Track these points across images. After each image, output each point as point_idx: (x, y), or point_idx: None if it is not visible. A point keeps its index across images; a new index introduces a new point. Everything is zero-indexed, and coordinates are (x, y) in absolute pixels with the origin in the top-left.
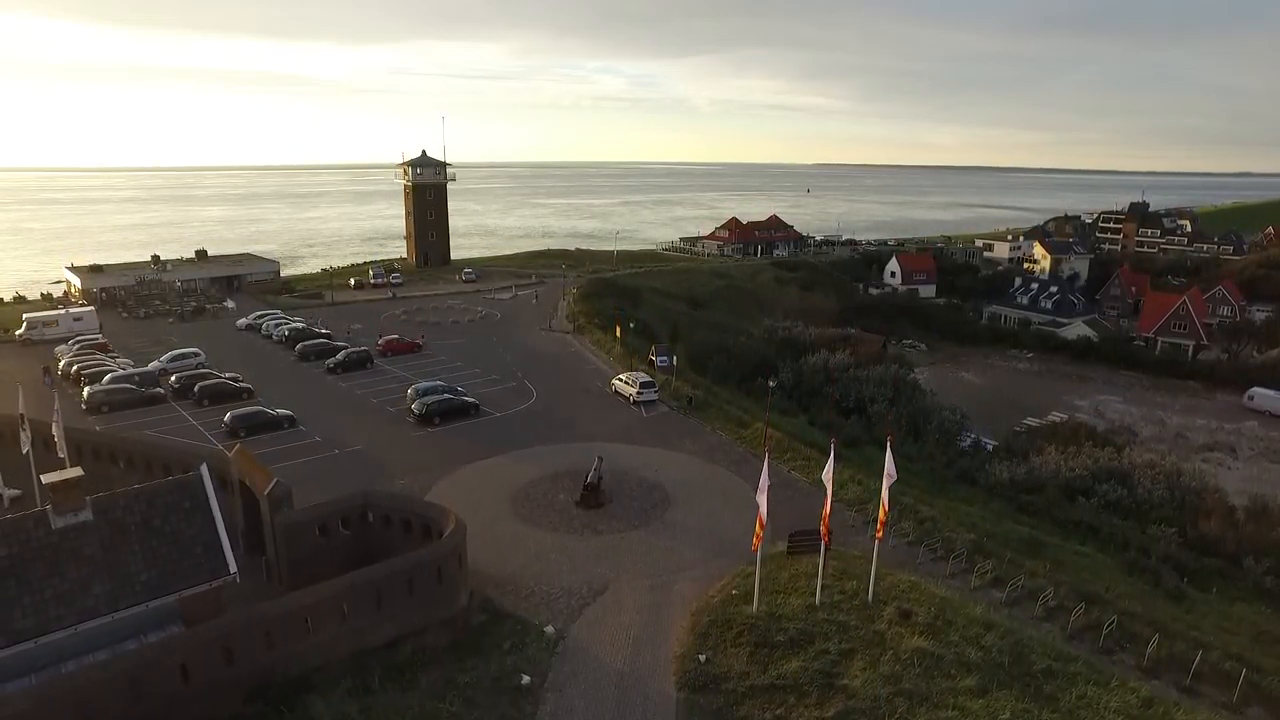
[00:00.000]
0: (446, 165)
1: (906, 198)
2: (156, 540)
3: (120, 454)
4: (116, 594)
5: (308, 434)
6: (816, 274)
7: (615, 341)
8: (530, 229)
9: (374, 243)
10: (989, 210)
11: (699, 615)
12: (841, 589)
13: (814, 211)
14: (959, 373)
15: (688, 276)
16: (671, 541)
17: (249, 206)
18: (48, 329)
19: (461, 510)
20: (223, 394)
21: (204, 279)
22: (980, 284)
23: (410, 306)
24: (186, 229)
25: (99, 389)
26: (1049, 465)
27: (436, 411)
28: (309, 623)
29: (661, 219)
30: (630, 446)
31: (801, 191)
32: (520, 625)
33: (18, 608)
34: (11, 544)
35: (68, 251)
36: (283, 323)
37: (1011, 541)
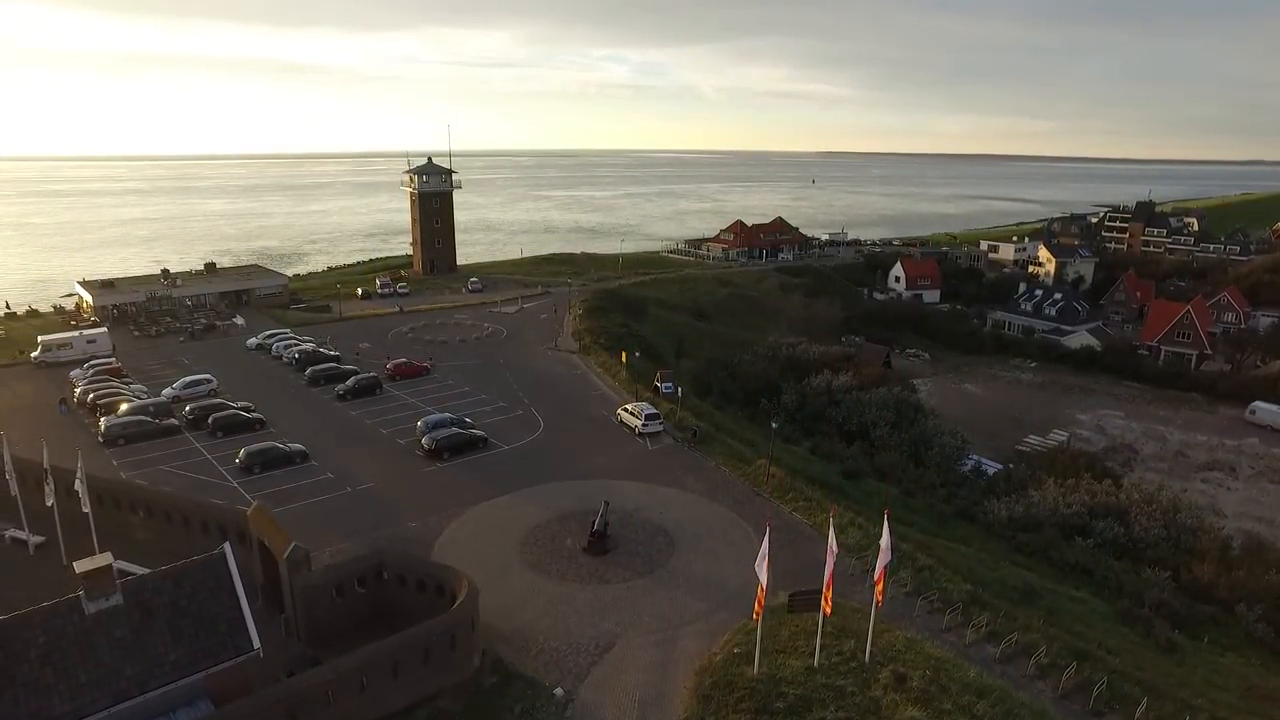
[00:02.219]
0: (452, 173)
1: (912, 189)
2: (183, 620)
3: (140, 504)
4: (146, 675)
5: (320, 470)
6: (821, 280)
7: (621, 366)
8: (533, 224)
9: (377, 238)
10: (995, 203)
11: (702, 675)
12: (839, 649)
13: (819, 204)
14: (962, 384)
15: (692, 285)
16: (675, 592)
17: (251, 199)
18: (62, 351)
19: (471, 557)
20: (236, 425)
21: (213, 294)
22: (984, 290)
23: (417, 323)
24: (188, 224)
25: (115, 422)
26: (1047, 501)
27: (446, 446)
28: (330, 696)
29: (665, 212)
30: (635, 484)
31: (806, 182)
32: (530, 688)
33: (55, 694)
34: (48, 631)
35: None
36: (293, 344)
37: (1007, 589)
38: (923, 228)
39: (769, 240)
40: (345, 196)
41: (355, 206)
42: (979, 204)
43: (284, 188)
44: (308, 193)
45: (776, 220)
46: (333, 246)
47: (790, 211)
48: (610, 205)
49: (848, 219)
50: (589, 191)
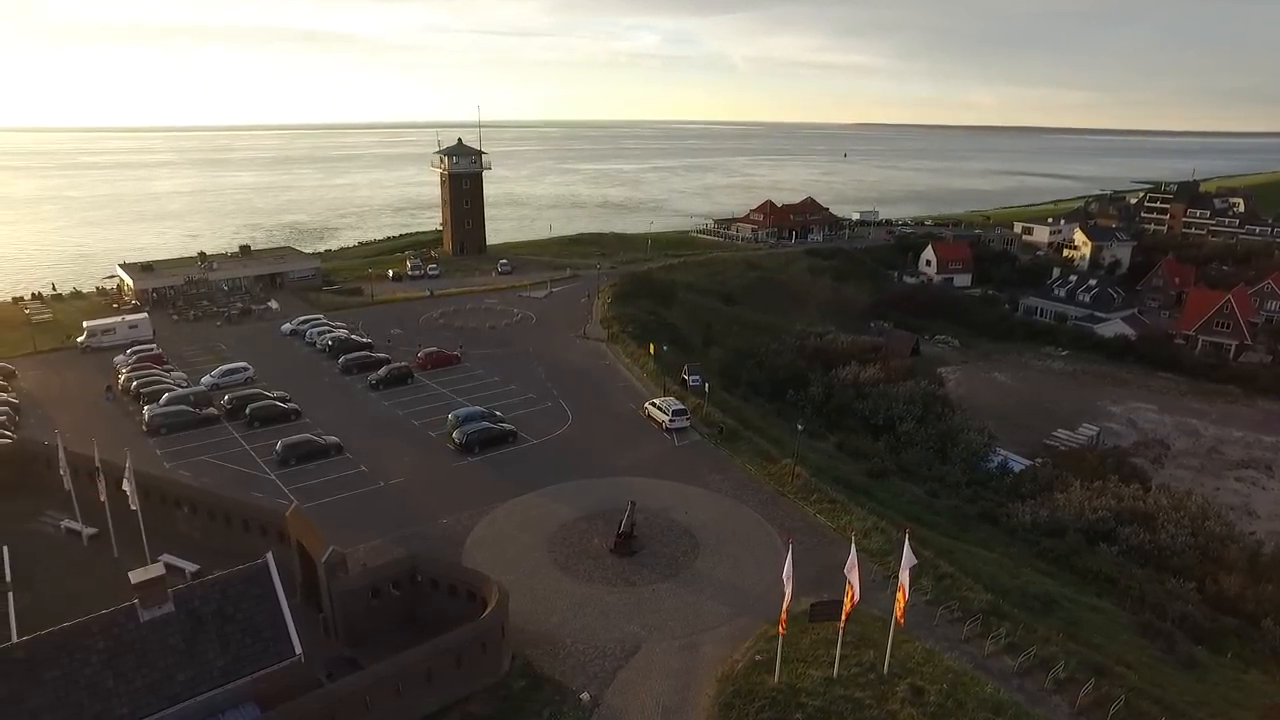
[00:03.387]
0: (482, 154)
1: (945, 163)
2: (229, 627)
3: (185, 500)
4: (197, 680)
5: (353, 463)
6: (850, 262)
7: (648, 357)
8: (560, 198)
9: (405, 213)
10: (1030, 179)
11: (723, 683)
12: (859, 659)
13: (849, 180)
14: (991, 372)
15: (721, 268)
16: (699, 596)
17: (281, 172)
18: (105, 337)
19: (501, 557)
20: (272, 416)
21: (248, 277)
22: (1017, 275)
23: (447, 308)
24: (219, 197)
25: (158, 412)
26: (1072, 505)
27: (476, 441)
28: (367, 701)
29: (693, 187)
30: (661, 482)
31: (837, 155)
32: (558, 692)
33: (114, 697)
34: (107, 637)
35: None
36: (326, 330)
37: (1028, 599)
38: (955, 205)
39: (798, 221)
40: (374, 169)
41: (384, 180)
42: (1013, 180)
43: (313, 159)
44: (336, 165)
45: (806, 200)
46: (362, 221)
47: (820, 187)
48: (638, 179)
49: (879, 195)
50: (616, 165)
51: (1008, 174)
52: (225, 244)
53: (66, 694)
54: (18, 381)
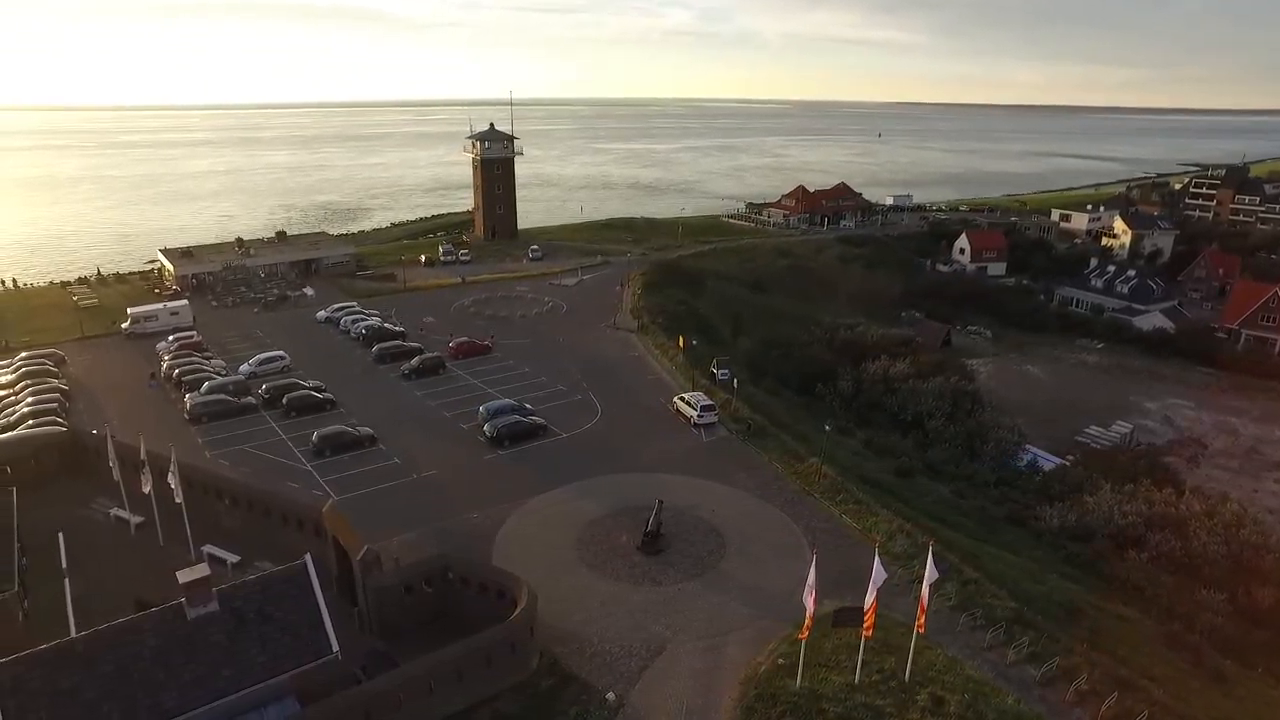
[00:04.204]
0: (514, 139)
1: (982, 144)
2: (270, 626)
3: (226, 492)
4: (240, 675)
5: (387, 454)
6: (882, 250)
7: (678, 350)
8: (590, 179)
9: (436, 194)
10: (1070, 161)
11: (746, 686)
12: (881, 666)
13: (883, 161)
14: (1024, 365)
15: (751, 256)
16: (724, 596)
17: (313, 151)
18: (148, 323)
19: (530, 554)
20: (308, 406)
21: (284, 264)
22: (1053, 264)
23: (479, 295)
24: (253, 176)
25: (199, 401)
26: (1101, 509)
27: (506, 435)
28: (401, 698)
29: (724, 168)
30: (689, 479)
31: (871, 135)
32: (584, 691)
33: (164, 691)
34: (157, 634)
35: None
36: (360, 318)
37: (1052, 606)
38: (991, 188)
39: (831, 206)
40: (405, 148)
41: (415, 159)
42: (1052, 162)
43: (345, 138)
44: (368, 144)
45: (839, 185)
46: (394, 201)
47: (853, 169)
48: (669, 160)
49: (912, 177)
50: (647, 144)
51: (1046, 155)
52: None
53: (121, 686)
54: (67, 368)
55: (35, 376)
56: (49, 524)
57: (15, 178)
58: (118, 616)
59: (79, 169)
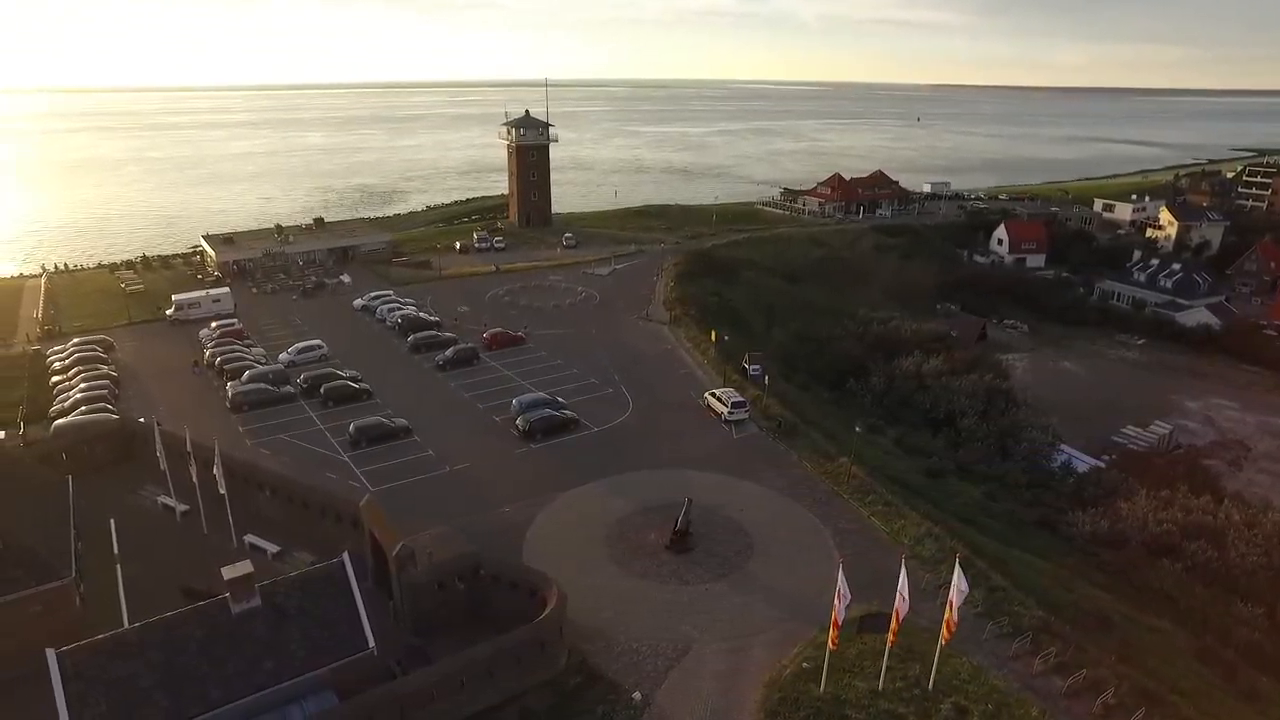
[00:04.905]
0: (549, 126)
1: (1023, 129)
2: (309, 621)
3: (268, 484)
4: (281, 668)
5: (421, 446)
6: (918, 240)
7: (710, 344)
8: (624, 163)
9: (470, 176)
10: (1116, 146)
11: (771, 689)
12: (904, 673)
13: (921, 147)
14: (1060, 361)
15: (786, 247)
16: (750, 598)
17: (349, 132)
18: (192, 310)
19: (560, 550)
20: (345, 396)
21: (322, 250)
22: (1094, 256)
23: (513, 284)
24: (290, 158)
25: (240, 389)
26: (1136, 515)
27: (539, 429)
28: (434, 694)
29: (759, 152)
30: (718, 476)
31: (909, 120)
32: (611, 691)
33: (209, 682)
34: (202, 627)
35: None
36: (396, 307)
37: (1081, 615)
38: (1032, 175)
39: (867, 195)
40: (440, 130)
41: (449, 141)
42: (1098, 148)
43: (380, 119)
44: (403, 126)
45: (876, 173)
46: (429, 185)
47: (891, 154)
48: (703, 144)
49: (951, 163)
50: (682, 128)
51: (1092, 140)
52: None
53: (170, 676)
54: (116, 354)
55: (87, 363)
56: (101, 510)
57: (62, 160)
58: (165, 602)
59: (123, 151)
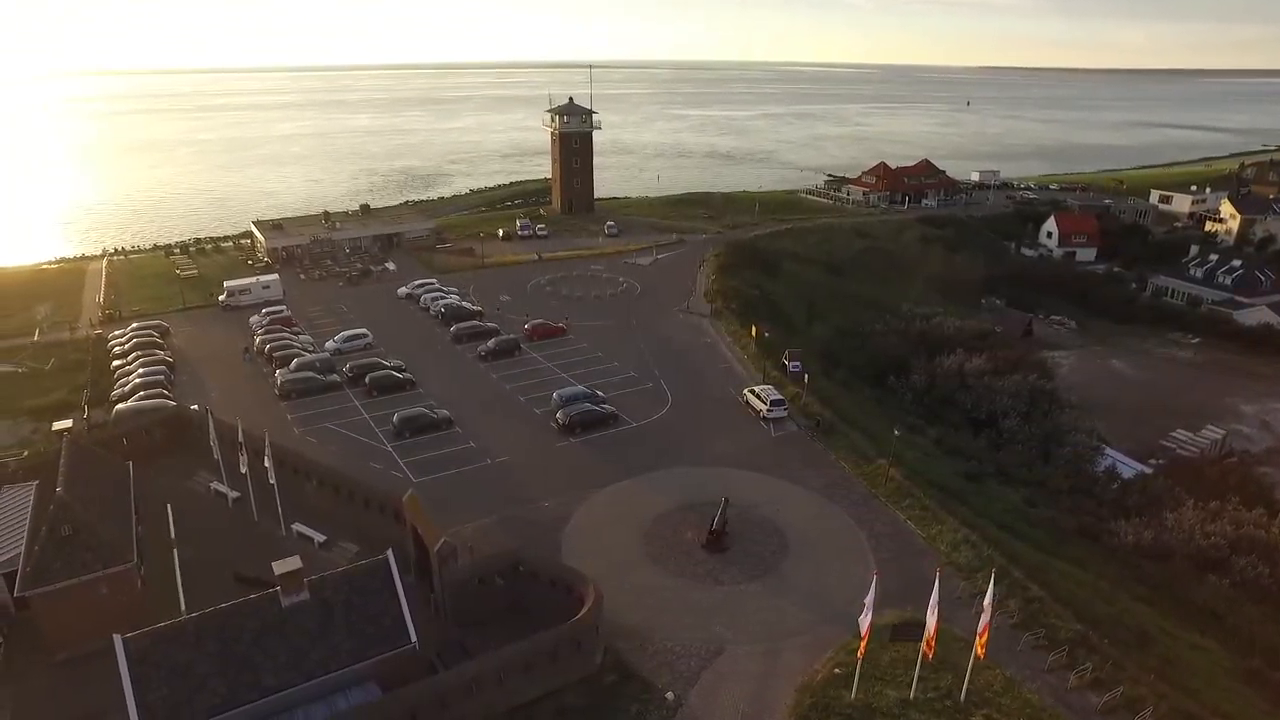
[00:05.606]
0: (592, 113)
1: (1077, 113)
2: (355, 615)
3: (315, 475)
4: (328, 659)
5: (463, 437)
6: (965, 232)
7: (750, 339)
8: (667, 147)
9: (513, 159)
10: (1178, 132)
11: (802, 694)
12: (937, 684)
13: (969, 132)
14: (1109, 360)
15: (829, 236)
16: (784, 600)
17: (394, 114)
18: (243, 296)
19: (598, 546)
20: (389, 385)
21: (368, 237)
22: (1149, 250)
23: (555, 274)
24: (336, 141)
25: (289, 378)
26: (1183, 527)
27: (579, 422)
28: (473, 688)
29: (802, 137)
30: (755, 475)
31: (958, 104)
32: (645, 690)
33: (262, 670)
34: (256, 619)
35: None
36: (439, 296)
37: (1121, 629)
38: (1086, 163)
39: (913, 184)
40: (484, 112)
41: (493, 123)
42: (1157, 133)
43: (426, 101)
44: (448, 108)
45: (922, 162)
46: (473, 167)
47: (938, 140)
48: (746, 128)
49: (1001, 150)
50: (724, 111)
51: (1151, 126)
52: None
53: (225, 664)
54: (171, 339)
55: (145, 348)
56: (158, 495)
57: (118, 142)
58: (218, 587)
59: (175, 133)
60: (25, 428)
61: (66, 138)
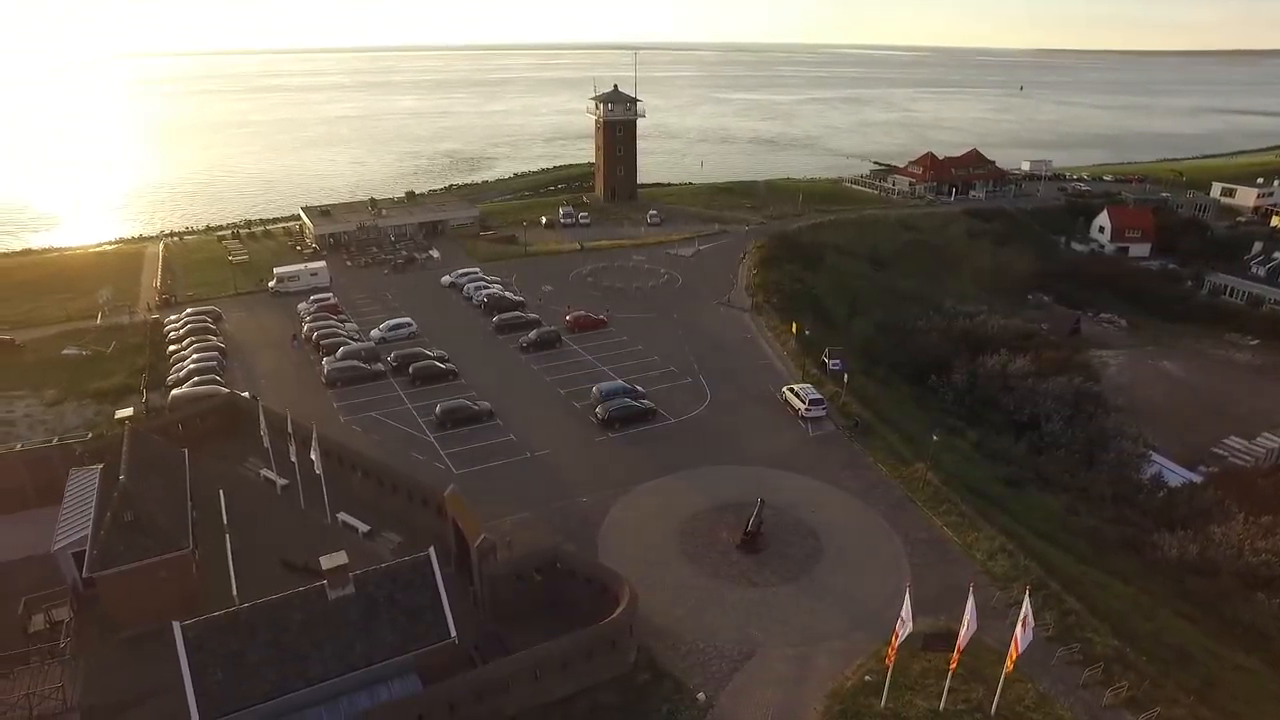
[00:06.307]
0: (637, 101)
1: (1139, 98)
2: (397, 610)
3: (360, 466)
4: (371, 651)
5: (503, 430)
6: (1013, 225)
7: (790, 335)
8: (710, 132)
9: (556, 143)
10: (1247, 118)
11: (833, 700)
12: (967, 695)
13: (1023, 118)
14: (1160, 361)
15: (873, 229)
16: (818, 604)
17: (440, 96)
18: (291, 283)
19: (634, 543)
20: (432, 376)
21: (413, 224)
22: (1208, 247)
23: (597, 264)
24: (382, 122)
25: (334, 366)
26: (1230, 542)
27: (618, 418)
28: (509, 684)
29: (849, 123)
30: (792, 475)
31: (1011, 89)
32: (677, 689)
33: (308, 660)
34: (304, 610)
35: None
36: (482, 285)
37: (1160, 647)
38: (1146, 151)
39: (960, 175)
40: (528, 94)
41: (537, 106)
42: (1224, 119)
43: (470, 83)
44: (492, 90)
45: (971, 152)
46: (515, 151)
47: (989, 126)
48: (791, 112)
49: (1055, 138)
50: (770, 95)
51: (1218, 112)
52: (388, 173)
53: (275, 653)
54: (223, 324)
55: (199, 333)
56: (211, 480)
57: (174, 124)
58: (268, 573)
59: (226, 114)
60: (90, 410)
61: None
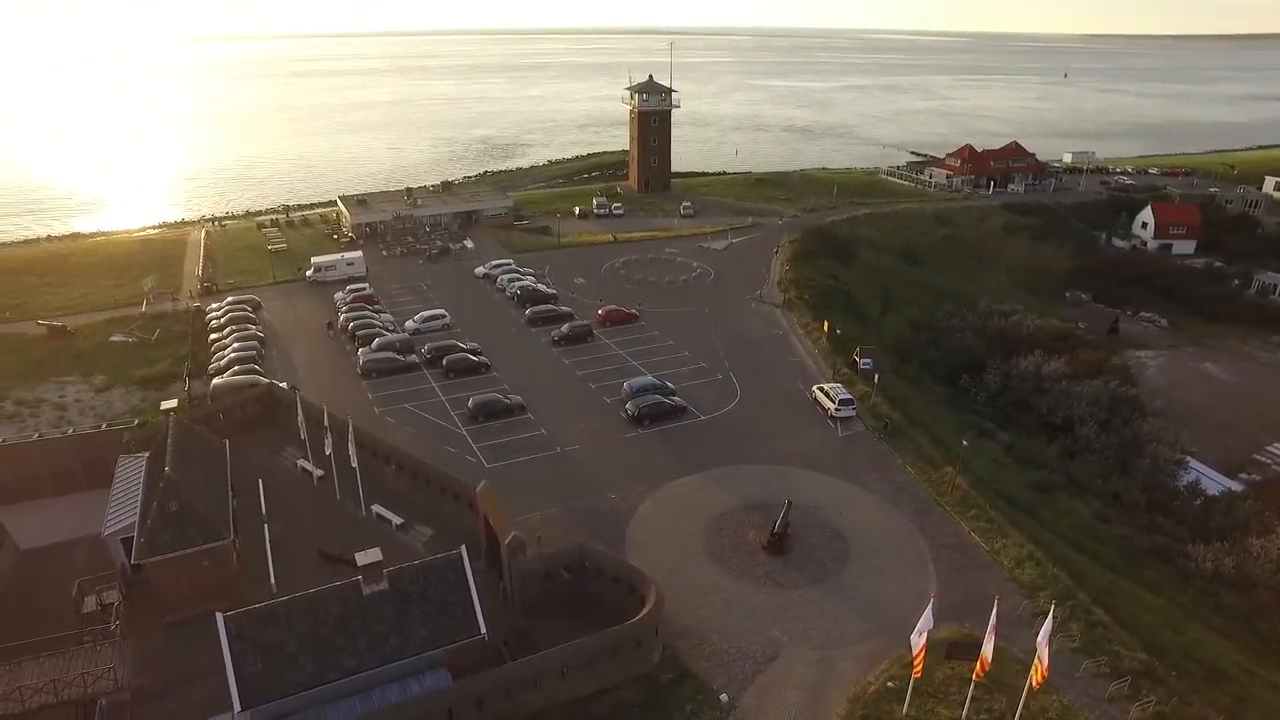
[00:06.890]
0: (672, 91)
1: (1188, 86)
2: (429, 606)
3: (394, 459)
4: (404, 645)
5: (535, 424)
6: (1052, 220)
7: (822, 333)
8: (744, 119)
9: (590, 130)
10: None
11: (854, 705)
12: (989, 706)
13: (1066, 107)
14: (1202, 362)
15: (908, 223)
16: (842, 607)
17: (475, 81)
18: (328, 272)
19: (661, 542)
20: (466, 368)
21: (448, 214)
22: (1258, 245)
23: (629, 256)
24: (417, 108)
25: (370, 357)
26: (1269, 556)
27: (648, 414)
28: (537, 681)
29: (885, 112)
30: (820, 476)
31: (1055, 76)
32: (700, 690)
33: (344, 653)
34: (340, 604)
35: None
36: (515, 278)
37: (1191, 662)
38: (1195, 142)
39: (999, 168)
40: (563, 80)
41: (571, 92)
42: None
43: (506, 68)
44: (527, 75)
45: (1010, 144)
46: (549, 138)
47: (1029, 116)
48: (826, 100)
49: (1098, 128)
50: (805, 82)
51: (1274, 100)
52: (423, 159)
53: (312, 645)
54: (262, 313)
55: (239, 322)
56: (250, 470)
57: (215, 109)
58: (305, 563)
59: (262, 99)
60: (136, 396)
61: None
